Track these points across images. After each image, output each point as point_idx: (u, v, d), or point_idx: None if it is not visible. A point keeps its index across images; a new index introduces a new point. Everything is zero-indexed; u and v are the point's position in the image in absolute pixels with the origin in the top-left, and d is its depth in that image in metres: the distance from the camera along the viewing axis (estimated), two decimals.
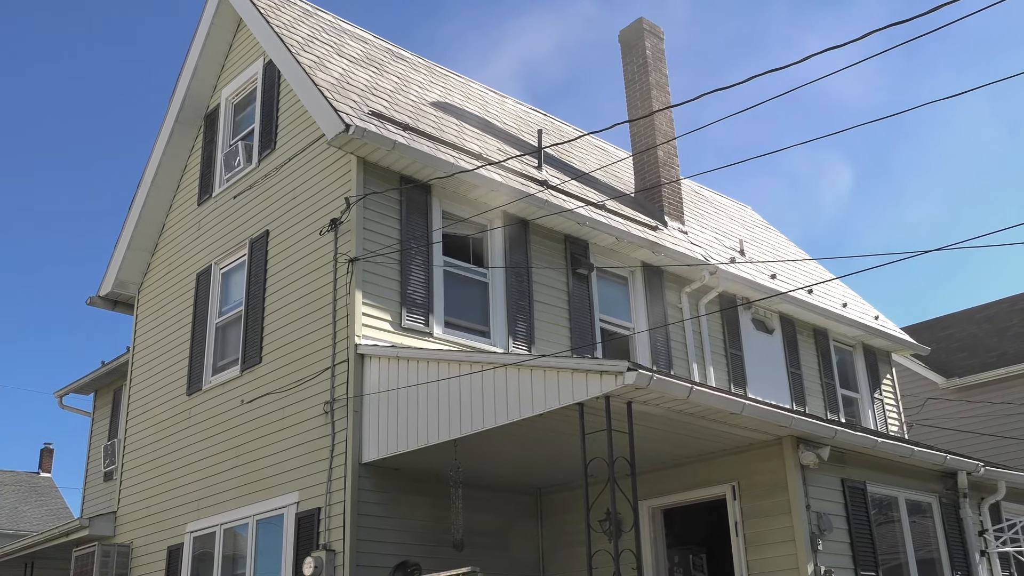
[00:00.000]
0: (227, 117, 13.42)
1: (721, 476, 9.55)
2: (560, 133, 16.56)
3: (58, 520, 29.82)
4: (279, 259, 11.39)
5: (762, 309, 14.80)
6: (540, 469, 10.48)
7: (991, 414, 19.20)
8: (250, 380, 11.30)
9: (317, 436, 9.96)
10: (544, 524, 11.09)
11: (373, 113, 10.84)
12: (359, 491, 9.37)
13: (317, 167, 11.10)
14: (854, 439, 9.22)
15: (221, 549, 11.11)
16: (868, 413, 16.17)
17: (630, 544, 7.74)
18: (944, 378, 20.15)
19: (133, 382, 13.96)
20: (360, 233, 10.22)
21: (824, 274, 17.79)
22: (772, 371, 14.59)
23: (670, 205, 14.65)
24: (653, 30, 15.63)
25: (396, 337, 10.12)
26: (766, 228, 19.71)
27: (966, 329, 22.27)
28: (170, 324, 13.36)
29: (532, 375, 8.14)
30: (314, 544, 9.50)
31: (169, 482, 12.35)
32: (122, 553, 12.63)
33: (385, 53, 14.42)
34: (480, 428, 8.47)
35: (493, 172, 11.18)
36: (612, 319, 12.67)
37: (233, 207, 12.59)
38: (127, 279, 14.32)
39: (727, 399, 8.17)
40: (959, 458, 10.57)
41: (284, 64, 11.72)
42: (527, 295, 11.58)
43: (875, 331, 16.52)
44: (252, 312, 11.60)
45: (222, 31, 13.56)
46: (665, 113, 15.00)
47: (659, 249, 12.94)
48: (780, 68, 6.20)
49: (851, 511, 9.28)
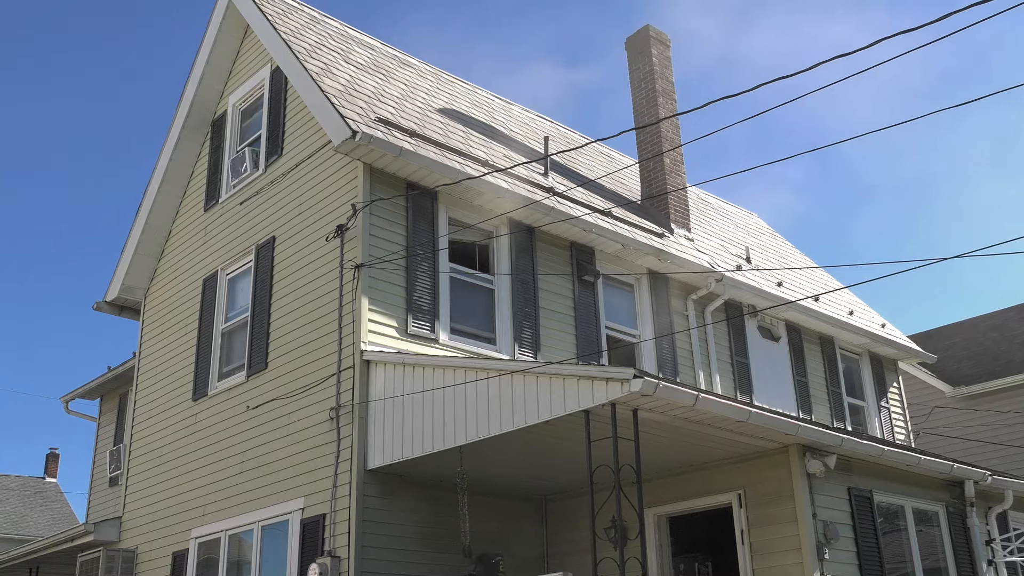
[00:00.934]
0: (234, 123, 13.45)
1: (727, 484, 9.53)
2: (566, 140, 16.56)
3: (63, 525, 29.85)
4: (285, 265, 11.40)
5: (768, 317, 14.77)
6: (545, 476, 10.46)
7: (998, 423, 19.13)
8: (256, 386, 11.31)
9: (322, 442, 9.95)
10: (549, 531, 11.07)
11: (380, 120, 10.86)
12: (364, 497, 9.36)
13: (323, 173, 11.12)
14: (861, 447, 9.19)
15: (226, 555, 11.10)
16: (874, 421, 16.13)
17: (636, 552, 7.74)
18: (951, 386, 20.08)
19: (139, 387, 13.98)
20: (366, 239, 10.23)
21: (831, 282, 17.76)
22: (778, 379, 14.56)
23: (676, 212, 14.64)
24: (660, 37, 15.65)
25: (402, 343, 10.12)
26: (772, 236, 19.69)
27: (973, 337, 22.21)
28: (176, 329, 13.38)
29: (538, 382, 8.13)
30: (319, 550, 9.49)
31: (174, 487, 12.35)
32: (127, 558, 12.64)
33: (392, 60, 14.45)
34: (486, 435, 8.46)
35: (499, 179, 11.19)
36: (618, 326, 12.66)
37: (239, 213, 12.61)
38: (134, 284, 14.36)
39: (733, 407, 8.15)
40: (966, 467, 10.54)
41: (291, 71, 11.75)
42: (533, 302, 11.58)
43: (882, 339, 16.49)
44: (258, 318, 11.61)
45: (229, 38, 13.60)
46: (672, 120, 15.01)
47: (665, 256, 12.93)
48: (788, 76, 6.20)
49: (857, 520, 9.25)
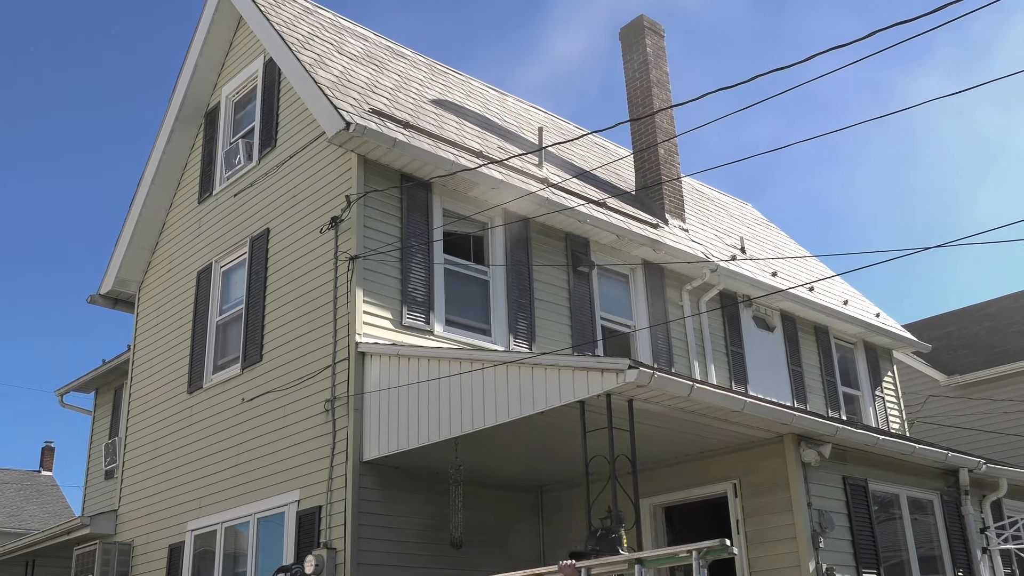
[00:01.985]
0: (227, 115, 13.41)
1: (722, 474, 9.55)
2: (561, 131, 16.54)
3: (59, 519, 29.83)
4: (280, 257, 11.38)
5: (763, 307, 14.79)
6: (541, 467, 10.48)
7: (992, 411, 19.17)
8: (251, 378, 11.30)
9: (318, 434, 9.95)
10: (545, 522, 11.09)
11: (373, 111, 10.83)
12: (360, 489, 9.36)
13: (317, 165, 11.09)
14: (855, 437, 9.21)
15: (222, 547, 11.11)
16: (869, 411, 16.17)
17: (632, 542, 7.75)
18: (945, 375, 20.12)
19: (134, 380, 13.96)
20: (361, 231, 10.21)
21: (825, 271, 17.77)
22: (773, 369, 14.58)
23: (671, 203, 14.64)
24: (654, 27, 15.62)
25: (397, 335, 10.12)
26: (767, 226, 19.70)
27: (967, 326, 22.25)
28: (171, 322, 13.36)
29: (533, 373, 8.13)
30: (315, 542, 9.50)
31: (170, 480, 12.35)
32: (123, 551, 12.64)
33: (385, 51, 14.41)
34: (481, 426, 8.46)
35: (494, 170, 11.17)
36: (613, 317, 12.67)
37: (234, 205, 12.58)
38: (128, 277, 14.33)
39: (728, 397, 8.16)
40: (960, 455, 10.57)
41: (284, 62, 11.71)
42: (528, 293, 11.58)
43: (876, 328, 16.52)
44: (253, 310, 11.60)
45: (222, 29, 13.55)
46: (666, 111, 14.99)
47: (660, 247, 12.93)
48: (784, 67, 6.19)
49: (852, 509, 9.28)
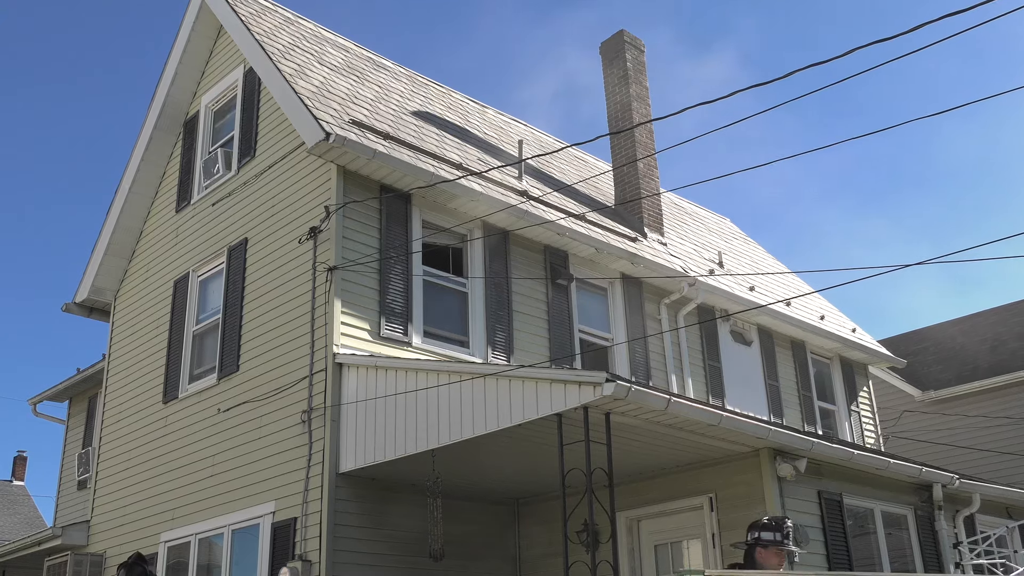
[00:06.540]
0: (207, 124, 13.37)
1: (699, 487, 9.57)
2: (540, 144, 16.59)
3: (31, 529, 29.49)
4: (257, 267, 11.34)
5: (740, 321, 14.86)
6: (518, 479, 10.46)
7: (966, 427, 19.32)
8: (227, 388, 11.24)
9: (294, 445, 9.90)
10: (522, 534, 11.07)
11: (353, 122, 10.83)
12: (336, 501, 9.32)
13: (297, 175, 11.07)
14: (831, 451, 9.26)
15: (196, 559, 11.02)
16: (845, 425, 16.26)
17: (608, 555, 7.76)
18: (920, 391, 20.27)
19: (108, 390, 13.85)
20: (339, 242, 10.20)
21: (802, 287, 17.89)
22: (750, 383, 14.65)
23: (650, 217, 14.70)
24: (634, 42, 15.72)
25: (374, 346, 10.09)
26: (745, 240, 19.81)
27: (942, 342, 22.42)
28: (147, 331, 13.27)
29: (511, 385, 8.13)
30: (290, 554, 9.43)
31: (144, 491, 12.24)
32: (95, 562, 12.51)
33: (366, 62, 14.42)
34: (458, 438, 8.44)
35: (473, 182, 11.19)
36: (591, 330, 12.69)
37: (212, 214, 12.53)
38: (104, 286, 14.22)
39: (705, 411, 8.19)
40: (934, 471, 10.64)
41: (264, 72, 11.69)
42: (506, 305, 11.58)
43: (852, 344, 16.63)
44: (230, 320, 11.54)
45: (202, 38, 13.52)
46: (646, 126, 15.07)
47: (638, 260, 12.98)
48: (763, 84, 6.24)
49: (827, 523, 9.32)
